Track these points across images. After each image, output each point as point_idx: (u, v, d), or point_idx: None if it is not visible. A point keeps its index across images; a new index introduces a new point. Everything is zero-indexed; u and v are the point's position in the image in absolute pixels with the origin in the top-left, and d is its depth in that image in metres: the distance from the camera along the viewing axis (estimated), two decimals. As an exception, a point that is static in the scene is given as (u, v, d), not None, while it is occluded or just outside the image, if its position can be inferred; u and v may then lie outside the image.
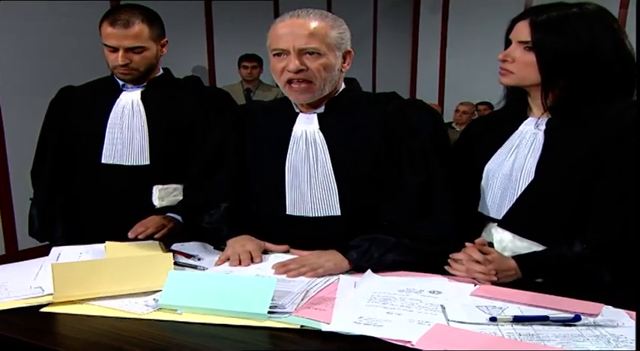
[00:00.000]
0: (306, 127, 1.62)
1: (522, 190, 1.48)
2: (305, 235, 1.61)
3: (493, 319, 1.15)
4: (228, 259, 1.55)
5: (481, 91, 6.24)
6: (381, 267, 1.47)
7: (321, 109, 1.63)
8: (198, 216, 1.75)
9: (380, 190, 1.57)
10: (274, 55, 1.54)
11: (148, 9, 1.96)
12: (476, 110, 6.22)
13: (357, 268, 1.48)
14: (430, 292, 1.32)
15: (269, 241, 1.64)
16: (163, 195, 1.98)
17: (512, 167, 1.51)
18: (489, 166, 1.57)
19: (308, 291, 1.33)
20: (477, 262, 1.38)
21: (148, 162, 1.96)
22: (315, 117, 1.62)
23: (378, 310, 1.21)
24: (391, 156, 1.56)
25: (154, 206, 1.96)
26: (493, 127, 1.64)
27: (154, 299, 1.29)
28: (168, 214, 1.96)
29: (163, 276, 1.31)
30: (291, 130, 1.64)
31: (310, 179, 1.59)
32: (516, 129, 1.56)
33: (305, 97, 1.56)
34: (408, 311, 1.21)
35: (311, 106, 1.62)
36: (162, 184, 1.96)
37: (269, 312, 1.19)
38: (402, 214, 1.54)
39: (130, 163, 1.96)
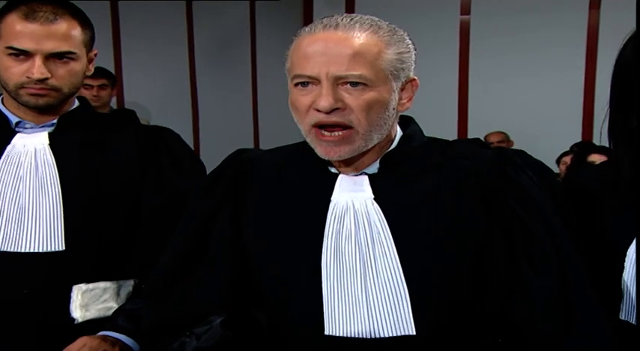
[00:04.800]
0: (353, 196, 1.36)
1: None
2: None
3: None
4: None
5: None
6: None
7: (374, 169, 1.36)
8: (171, 340, 1.39)
9: (478, 295, 1.32)
10: (297, 84, 1.29)
11: (73, 4, 1.66)
12: None
13: None
14: None
15: None
16: (88, 300, 1.67)
17: None
18: (632, 252, 1.37)
19: None
20: None
21: (62, 247, 1.63)
22: (365, 180, 1.36)
23: None
24: (496, 241, 1.31)
25: (74, 319, 1.64)
26: (617, 193, 1.44)
27: None
28: (106, 334, 1.58)
29: None
30: (327, 201, 1.36)
31: (365, 280, 1.31)
32: None
33: (341, 150, 1.30)
34: None
35: (353, 164, 1.35)
36: (87, 282, 1.65)
37: None
38: (526, 328, 1.29)
39: (31, 250, 1.62)
